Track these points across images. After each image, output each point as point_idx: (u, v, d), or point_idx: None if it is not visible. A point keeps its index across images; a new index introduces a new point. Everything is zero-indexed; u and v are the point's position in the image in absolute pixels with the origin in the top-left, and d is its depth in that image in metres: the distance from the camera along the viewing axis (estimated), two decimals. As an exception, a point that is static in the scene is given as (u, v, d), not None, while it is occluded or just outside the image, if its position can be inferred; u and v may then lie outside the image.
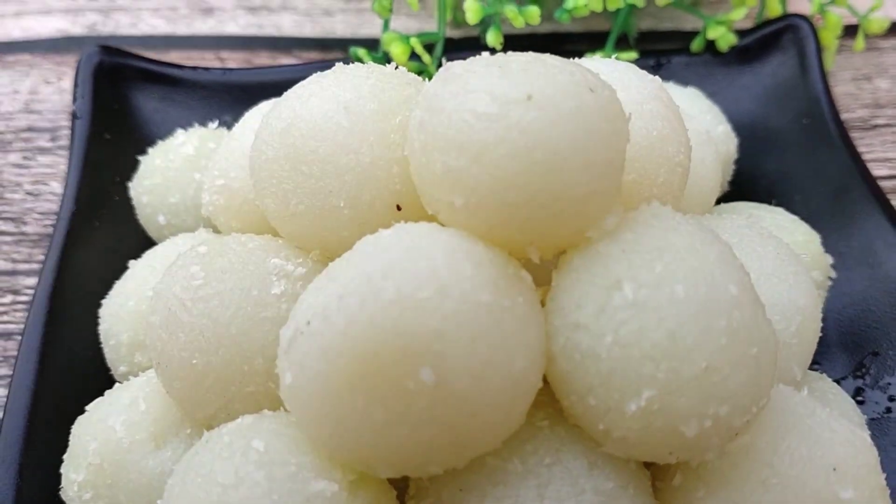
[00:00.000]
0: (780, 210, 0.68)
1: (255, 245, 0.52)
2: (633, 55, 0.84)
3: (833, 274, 0.67)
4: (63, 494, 0.54)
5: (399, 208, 0.49)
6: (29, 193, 0.81)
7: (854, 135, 0.89)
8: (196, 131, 0.70)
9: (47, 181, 0.82)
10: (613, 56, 0.67)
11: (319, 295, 0.42)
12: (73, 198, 0.71)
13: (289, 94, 0.52)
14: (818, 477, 0.43)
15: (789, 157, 0.80)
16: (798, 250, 0.62)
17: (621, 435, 0.42)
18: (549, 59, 0.44)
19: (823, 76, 0.81)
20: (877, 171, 0.86)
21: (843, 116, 0.89)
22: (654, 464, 0.47)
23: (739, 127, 0.81)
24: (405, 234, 0.43)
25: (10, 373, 0.61)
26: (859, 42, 0.93)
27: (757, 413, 0.42)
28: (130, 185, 0.70)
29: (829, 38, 0.89)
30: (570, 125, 0.41)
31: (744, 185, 0.78)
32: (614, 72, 0.53)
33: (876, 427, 0.64)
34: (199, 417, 0.50)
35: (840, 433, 0.44)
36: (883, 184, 0.84)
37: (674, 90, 0.75)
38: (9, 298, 0.74)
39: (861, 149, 0.87)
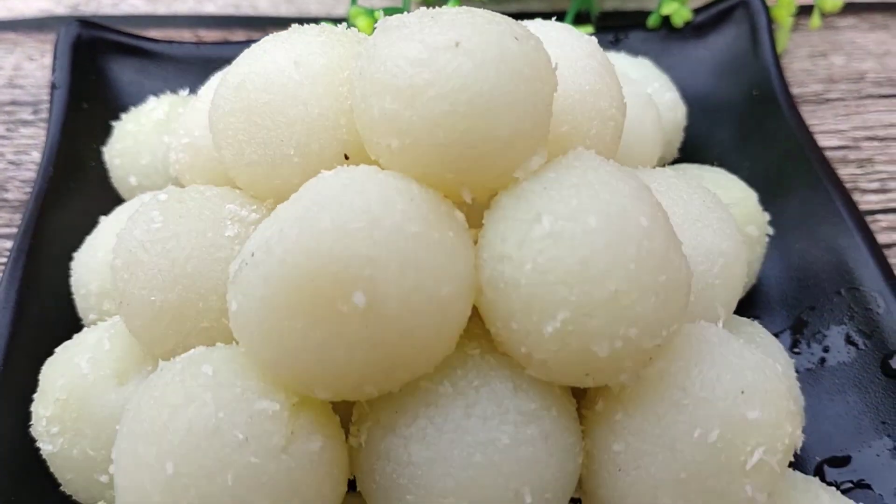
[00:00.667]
0: (720, 170, 0.71)
1: (213, 193, 0.55)
2: (590, 29, 0.87)
3: (770, 231, 0.70)
4: (33, 430, 0.57)
5: (347, 157, 0.53)
6: (11, 163, 0.85)
7: (807, 108, 0.93)
8: (167, 98, 0.73)
9: (29, 151, 0.86)
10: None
11: (265, 231, 0.46)
12: (51, 162, 0.74)
13: (245, 53, 0.55)
14: (727, 398, 0.46)
15: (739, 127, 0.83)
16: (734, 206, 0.66)
17: (541, 357, 0.45)
18: (478, 11, 0.48)
19: (774, 50, 0.85)
20: (828, 141, 0.90)
21: (798, 91, 0.93)
22: (581, 393, 0.51)
23: (693, 99, 0.85)
24: (344, 174, 0.46)
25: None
26: (815, 20, 0.96)
27: (668, 338, 0.45)
28: (104, 149, 0.74)
29: (784, 15, 0.93)
30: (495, 70, 0.44)
31: (696, 154, 0.82)
32: (551, 31, 0.57)
33: (811, 377, 0.67)
34: (158, 353, 0.53)
35: (750, 360, 0.48)
36: (833, 153, 0.88)
37: (623, 59, 0.78)
38: (-11, 259, 0.77)
39: (814, 121, 0.91)
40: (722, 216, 0.56)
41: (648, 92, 0.67)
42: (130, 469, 0.45)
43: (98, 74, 0.81)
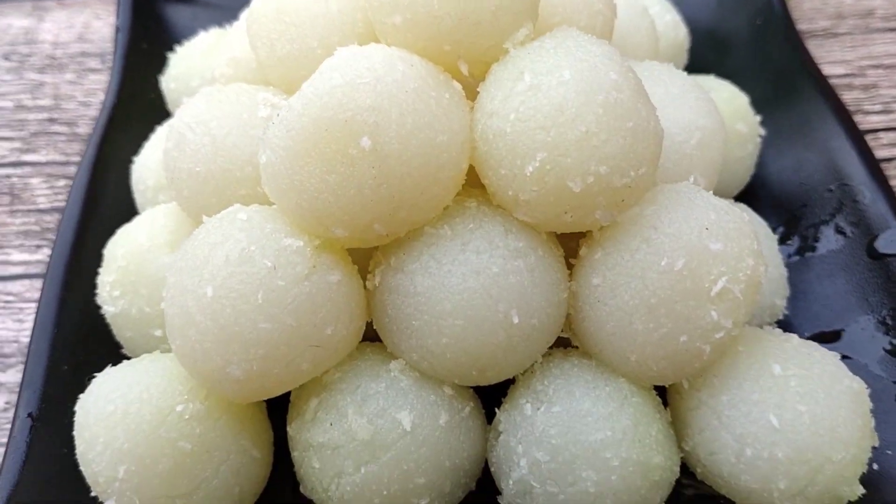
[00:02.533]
0: (712, 77, 0.77)
1: (249, 87, 0.63)
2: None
3: (762, 131, 0.75)
4: (98, 298, 0.66)
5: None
6: (81, 103, 0.95)
7: (815, 41, 0.97)
8: (214, 30, 0.82)
9: (96, 93, 0.96)
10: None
11: (291, 99, 0.54)
12: (114, 94, 0.84)
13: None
14: (692, 232, 0.52)
15: (744, 54, 0.89)
16: (723, 103, 0.71)
17: (526, 198, 0.52)
18: None
19: (776, -20, 0.90)
20: (834, 70, 0.94)
21: (807, 27, 0.98)
22: (572, 250, 0.57)
23: (703, 29, 0.91)
24: (355, 49, 0.54)
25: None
26: (825, -40, 1.01)
27: (638, 180, 0.51)
28: (161, 77, 0.83)
29: (791, -47, 0.97)
30: (482, -49, 0.52)
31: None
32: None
33: (803, 264, 0.73)
34: (203, 221, 0.62)
35: (718, 205, 0.54)
36: (839, 80, 0.93)
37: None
38: (62, 182, 0.87)
39: (821, 52, 0.96)
40: (700, 96, 0.62)
41: (644, 6, 0.73)
42: (177, 296, 0.53)
43: (156, 19, 0.91)
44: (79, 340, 0.67)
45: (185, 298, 0.53)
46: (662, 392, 0.59)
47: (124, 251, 0.64)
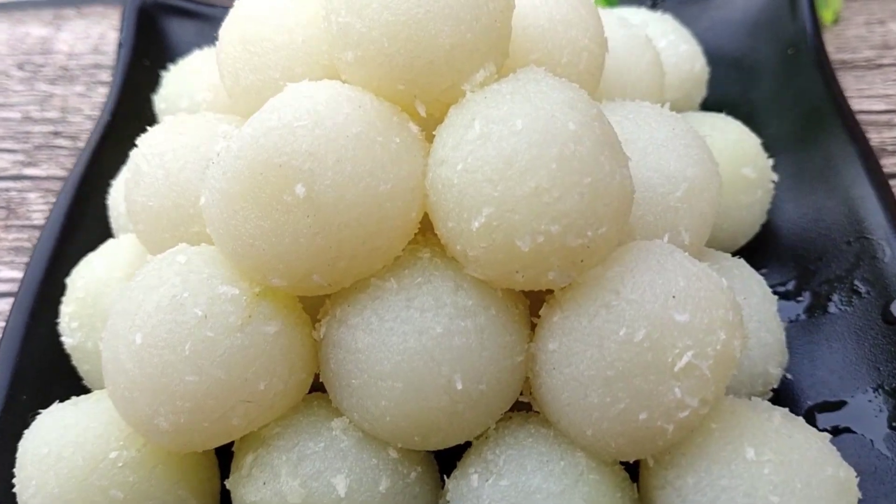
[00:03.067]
0: (722, 115, 0.71)
1: (213, 117, 0.61)
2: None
3: (774, 176, 0.69)
4: (60, 328, 0.64)
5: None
6: (87, 117, 0.95)
7: (857, 73, 0.90)
8: (209, 49, 0.80)
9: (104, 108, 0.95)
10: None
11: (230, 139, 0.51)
12: (109, 111, 0.82)
13: (246, -4, 0.61)
14: (656, 300, 0.47)
15: (772, 86, 0.83)
16: (728, 147, 0.66)
17: (474, 254, 0.48)
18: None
19: (812, 10, 0.83)
20: (875, 105, 0.87)
21: (849, 57, 0.91)
22: (536, 304, 0.53)
23: (730, 58, 0.85)
24: (304, 85, 0.51)
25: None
26: (872, -15, 0.94)
27: (598, 240, 0.46)
28: (154, 96, 0.81)
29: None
30: (436, -18, 0.48)
31: (725, 110, 0.81)
32: (528, -34, 0.59)
33: (812, 324, 0.67)
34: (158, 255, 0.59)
35: (690, 270, 0.48)
36: (878, 117, 0.86)
37: (643, 13, 0.79)
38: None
39: (862, 86, 0.89)
40: (690, 142, 0.56)
41: (648, 37, 0.68)
42: (110, 341, 0.51)
43: (160, 35, 0.90)
44: (42, 370, 0.65)
45: (116, 343, 0.50)
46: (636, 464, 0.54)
47: (83, 282, 0.63)
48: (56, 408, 0.56)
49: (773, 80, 0.83)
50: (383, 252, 0.50)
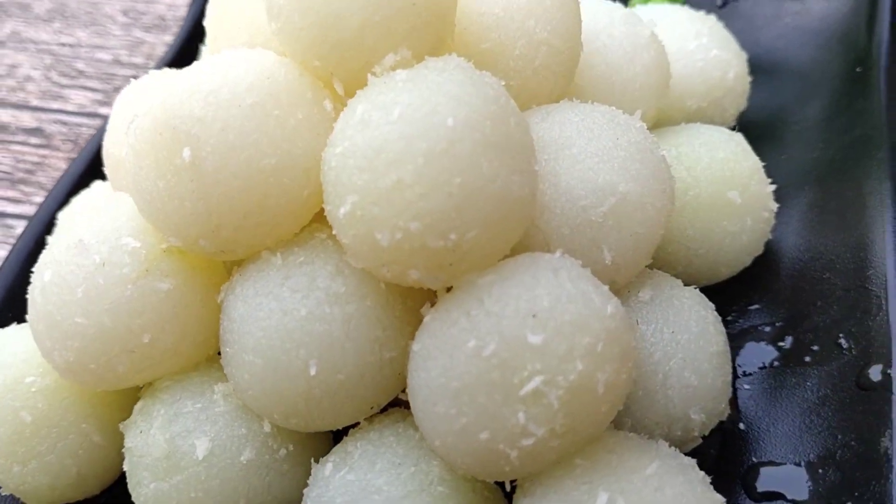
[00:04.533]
0: (723, 130, 0.64)
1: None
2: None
3: (774, 206, 0.62)
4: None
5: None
6: (163, 65, 1.01)
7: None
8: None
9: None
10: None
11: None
12: (170, 57, 0.88)
13: None
14: (515, 316, 0.44)
15: (829, 105, 0.74)
16: (713, 165, 0.60)
17: (344, 241, 0.47)
18: None
19: (893, 22, 0.73)
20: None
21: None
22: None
23: (793, 69, 0.77)
24: (237, 51, 0.51)
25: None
26: None
27: (463, 243, 0.44)
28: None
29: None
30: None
31: (771, 125, 0.75)
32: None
33: (784, 372, 0.60)
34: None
35: (563, 289, 0.45)
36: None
37: (685, 11, 0.72)
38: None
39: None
40: (632, 157, 0.52)
41: (654, 36, 0.63)
42: (35, 275, 0.54)
43: None
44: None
45: (36, 277, 0.54)
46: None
47: (66, 219, 0.67)
48: (6, 329, 0.61)
49: (833, 98, 0.74)
50: (271, 227, 0.50)
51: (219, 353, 0.55)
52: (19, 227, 0.87)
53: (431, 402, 0.46)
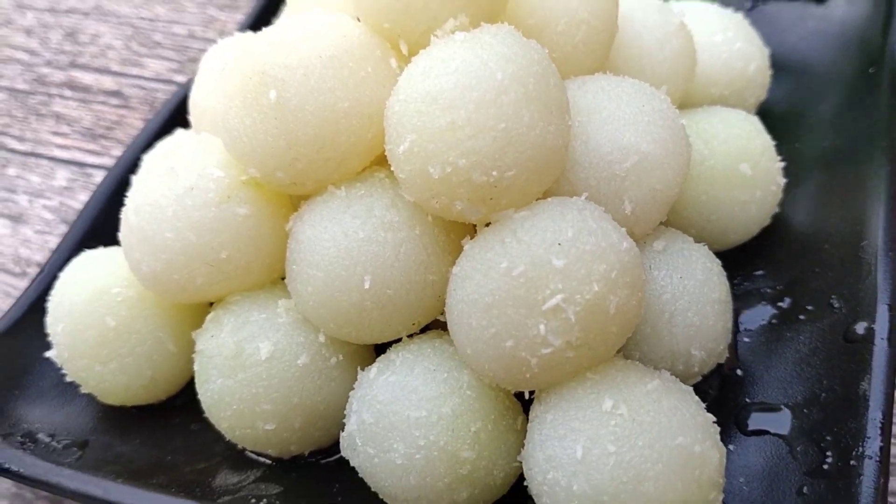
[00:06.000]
0: (741, 112, 0.72)
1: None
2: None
3: (782, 181, 0.70)
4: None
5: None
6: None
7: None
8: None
9: (249, 35, 1.10)
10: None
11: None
12: (245, 27, 0.96)
13: None
14: (542, 244, 0.51)
15: (842, 102, 0.81)
16: (729, 140, 0.68)
17: (402, 177, 0.55)
18: None
19: (905, 28, 0.80)
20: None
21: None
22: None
23: (814, 67, 0.84)
24: (314, 13, 0.60)
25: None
26: None
27: (503, 180, 0.52)
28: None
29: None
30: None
31: (786, 116, 0.82)
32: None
33: (781, 327, 0.67)
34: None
35: (586, 224, 0.52)
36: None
37: (714, 8, 0.80)
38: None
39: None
40: (655, 122, 0.59)
41: (683, 25, 0.70)
42: (129, 199, 0.63)
43: None
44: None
45: (130, 199, 0.63)
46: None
47: (149, 160, 0.76)
48: (93, 251, 0.70)
49: (847, 94, 0.81)
50: (338, 163, 0.58)
51: (282, 279, 0.64)
52: (98, 175, 0.96)
53: (466, 315, 0.54)
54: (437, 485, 0.55)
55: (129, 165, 0.82)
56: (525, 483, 0.56)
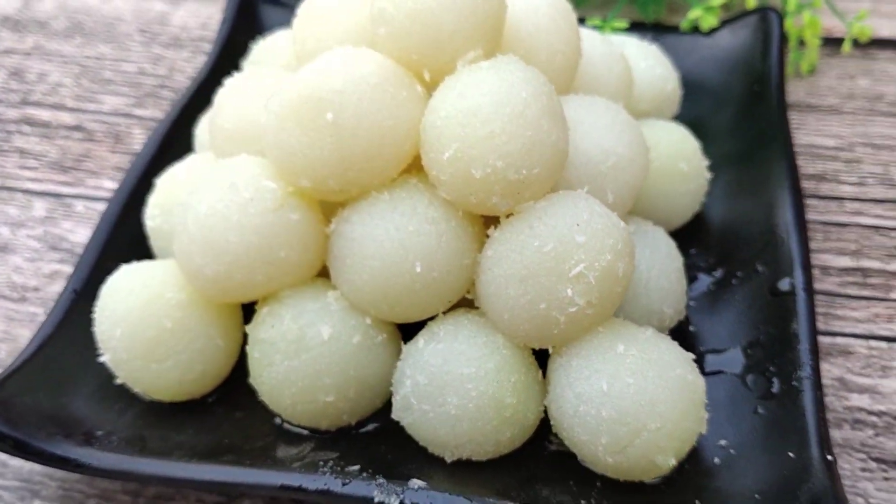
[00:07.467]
0: (675, 124, 0.90)
1: (277, 70, 0.82)
2: (625, 24, 1.08)
3: (707, 174, 0.88)
4: (145, 215, 0.86)
5: (367, 55, 0.78)
6: (189, 77, 1.18)
7: (818, 115, 1.08)
8: (288, 30, 1.02)
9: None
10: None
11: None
12: (208, 69, 1.05)
13: None
14: (565, 225, 0.65)
15: (735, 113, 1.00)
16: (671, 144, 0.85)
17: (443, 178, 0.67)
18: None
19: (780, 56, 1.01)
20: (826, 141, 1.04)
21: (816, 101, 1.09)
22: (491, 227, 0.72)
23: (707, 87, 1.03)
24: (345, 50, 0.71)
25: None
26: (846, 45, 1.11)
27: (531, 177, 0.65)
28: (243, 62, 1.03)
29: (809, 35, 1.08)
30: (445, -12, 0.68)
31: (696, 127, 1.00)
32: (526, -14, 0.79)
33: (719, 291, 0.84)
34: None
35: (594, 209, 0.67)
36: (825, 151, 1.04)
37: (632, 41, 0.98)
38: (157, 134, 1.09)
39: (821, 125, 1.06)
40: (627, 130, 0.75)
41: (623, 55, 0.87)
42: (183, 213, 0.72)
43: (255, 17, 1.12)
44: (127, 247, 0.87)
45: (187, 213, 0.71)
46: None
47: (166, 179, 0.84)
48: (130, 265, 0.77)
49: (738, 107, 1.00)
50: (381, 171, 0.70)
51: (319, 274, 0.74)
52: (78, 205, 1.02)
53: (504, 286, 0.67)
54: (486, 427, 0.67)
55: (132, 190, 0.90)
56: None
